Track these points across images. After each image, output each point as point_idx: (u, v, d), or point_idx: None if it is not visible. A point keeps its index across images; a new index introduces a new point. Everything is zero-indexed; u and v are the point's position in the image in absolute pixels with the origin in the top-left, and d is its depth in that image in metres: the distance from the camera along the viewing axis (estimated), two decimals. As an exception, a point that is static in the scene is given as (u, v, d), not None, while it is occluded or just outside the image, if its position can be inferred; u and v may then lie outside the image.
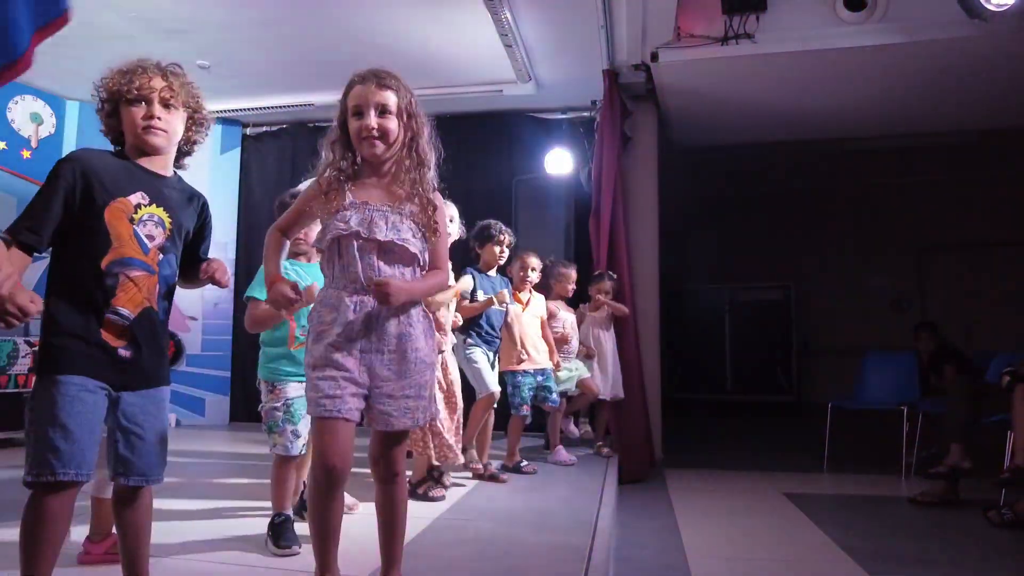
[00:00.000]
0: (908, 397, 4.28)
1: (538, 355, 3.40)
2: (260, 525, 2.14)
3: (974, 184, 7.40)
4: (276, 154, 5.45)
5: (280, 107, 5.08)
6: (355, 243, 1.47)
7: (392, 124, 1.50)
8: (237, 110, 5.14)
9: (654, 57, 4.04)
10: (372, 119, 1.47)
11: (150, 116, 1.42)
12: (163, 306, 1.45)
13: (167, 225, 1.44)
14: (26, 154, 4.59)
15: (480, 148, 5.05)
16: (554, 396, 3.43)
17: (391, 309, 1.49)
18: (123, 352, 1.35)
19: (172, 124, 1.46)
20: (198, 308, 5.18)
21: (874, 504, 3.49)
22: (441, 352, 2.72)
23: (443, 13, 3.70)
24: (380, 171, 1.54)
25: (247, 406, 5.20)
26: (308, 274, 2.14)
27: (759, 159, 6.82)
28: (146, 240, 1.41)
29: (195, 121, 1.53)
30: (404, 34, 3.90)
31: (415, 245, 1.51)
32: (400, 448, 1.57)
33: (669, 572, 2.41)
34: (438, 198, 1.60)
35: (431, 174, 1.58)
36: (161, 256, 1.43)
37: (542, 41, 3.98)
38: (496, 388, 3.16)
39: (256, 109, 5.12)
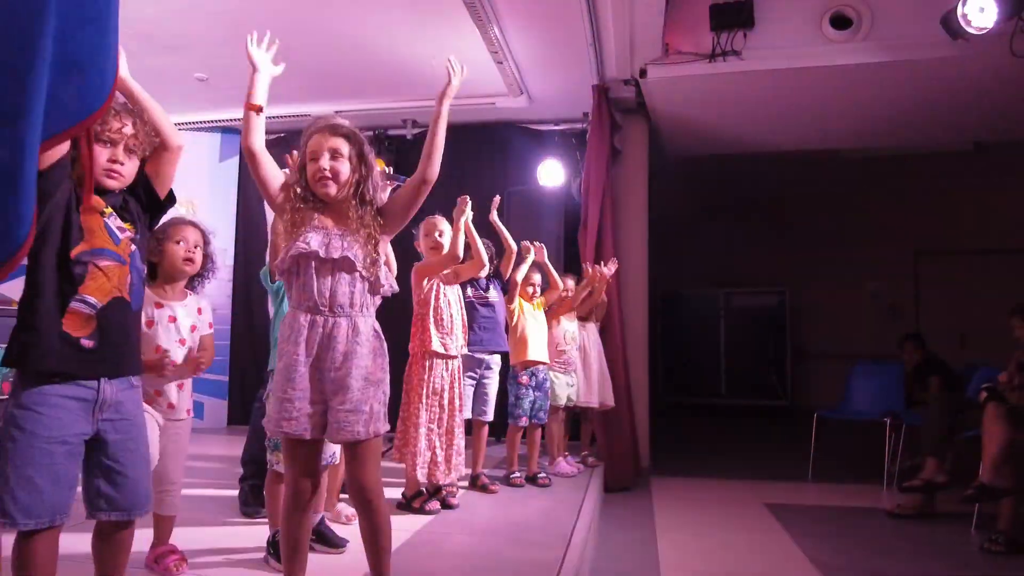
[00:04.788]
0: (892, 408, 4.34)
1: (541, 353, 3.51)
2: (259, 534, 2.22)
3: (972, 190, 7.43)
4: (276, 160, 5.52)
5: (278, 117, 5.16)
6: (313, 263, 1.60)
7: (343, 167, 1.63)
8: (235, 120, 5.23)
9: (643, 73, 4.11)
10: (325, 161, 1.61)
11: (114, 160, 1.46)
12: (137, 297, 1.45)
13: (132, 232, 1.46)
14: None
15: (473, 159, 5.12)
16: (542, 414, 3.52)
17: (345, 329, 1.60)
18: (86, 342, 1.34)
19: (130, 170, 1.50)
20: (197, 313, 5.27)
21: (852, 516, 3.56)
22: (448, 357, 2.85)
23: (433, 30, 3.76)
24: (333, 208, 1.66)
25: (244, 409, 5.30)
26: None
27: (753, 166, 6.87)
28: (117, 232, 1.43)
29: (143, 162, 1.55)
30: (395, 49, 3.98)
31: (363, 258, 1.62)
32: (366, 472, 1.63)
33: (640, 586, 2.49)
34: (381, 232, 1.71)
35: (375, 209, 1.70)
36: (133, 250, 1.45)
37: (532, 57, 4.05)
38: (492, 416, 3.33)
39: (254, 119, 5.19)
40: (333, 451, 2.23)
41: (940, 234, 7.82)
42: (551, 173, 4.78)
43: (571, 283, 3.92)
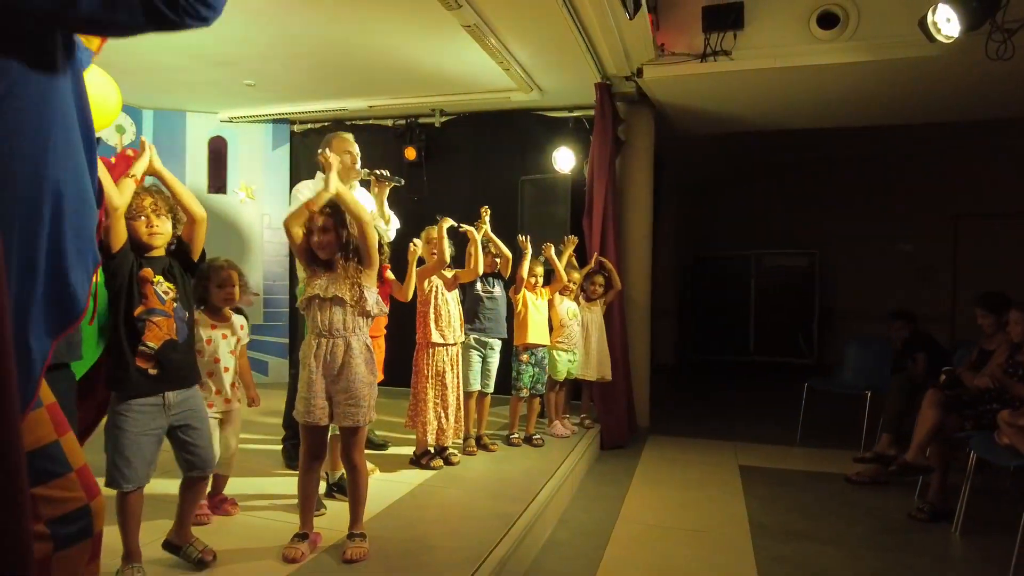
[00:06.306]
0: (876, 382, 4.66)
1: (541, 337, 4.07)
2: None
3: (1014, 152, 7.24)
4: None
5: (327, 110, 5.76)
6: (316, 301, 2.27)
7: (330, 237, 2.26)
8: (282, 113, 5.86)
9: (639, 73, 4.41)
10: (316, 234, 2.25)
11: (150, 224, 2.06)
12: (183, 335, 2.09)
13: (174, 293, 2.09)
14: (114, 160, 5.49)
15: (491, 146, 5.59)
16: (539, 386, 4.10)
17: (341, 347, 2.25)
18: (151, 371, 2.00)
19: (164, 227, 2.08)
20: (260, 285, 6.09)
21: (813, 480, 4.00)
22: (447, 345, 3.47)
23: (446, 42, 4.16)
24: (331, 263, 2.30)
25: (302, 367, 6.16)
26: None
27: (785, 132, 6.92)
28: (163, 295, 2.06)
29: (177, 220, 2.14)
30: (419, 55, 4.39)
31: (350, 296, 2.27)
32: (354, 446, 2.31)
33: (592, 535, 3.07)
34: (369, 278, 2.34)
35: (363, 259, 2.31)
36: (176, 306, 2.08)
37: (535, 61, 4.40)
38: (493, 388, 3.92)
39: (299, 112, 5.82)
40: (372, 418, 2.89)
41: (980, 194, 7.69)
42: (564, 159, 5.17)
43: (576, 275, 4.41)
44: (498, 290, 3.91)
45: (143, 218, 2.06)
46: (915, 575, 2.73)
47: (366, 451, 3.38)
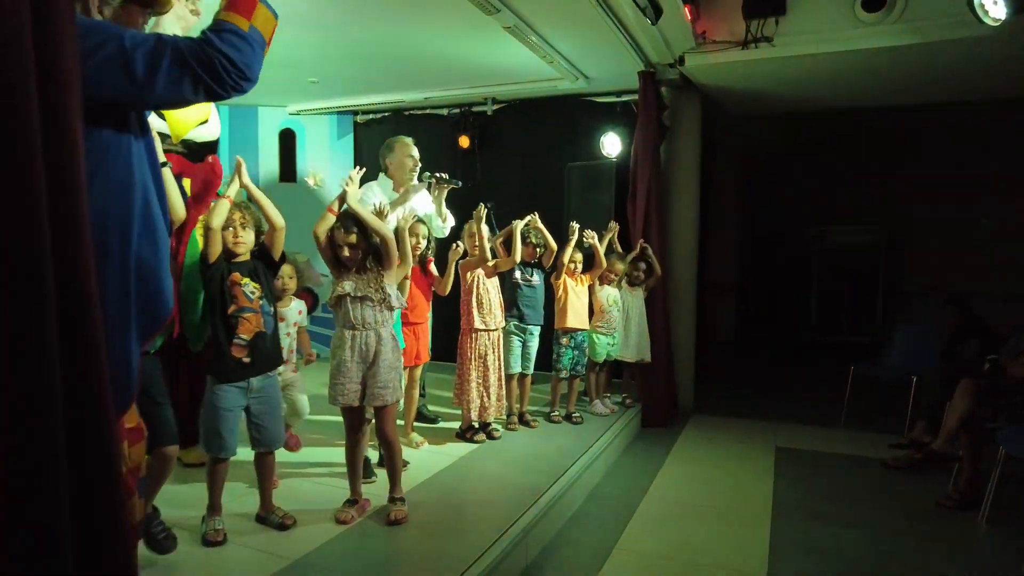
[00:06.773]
0: (923, 367, 4.62)
1: (581, 322, 4.30)
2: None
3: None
4: (382, 136, 6.46)
5: (386, 102, 6.10)
6: (348, 298, 2.59)
7: (357, 251, 2.57)
8: (347, 106, 6.23)
9: (681, 61, 4.45)
10: (346, 249, 2.56)
11: (235, 236, 2.43)
12: (269, 327, 2.48)
13: (259, 292, 2.46)
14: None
15: (542, 133, 5.75)
16: (579, 367, 4.34)
17: (373, 338, 2.59)
18: (244, 359, 2.43)
19: (248, 238, 2.45)
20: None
21: (848, 463, 4.07)
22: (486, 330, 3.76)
23: (487, 39, 4.31)
24: (358, 268, 2.61)
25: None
26: None
27: (836, 110, 6.69)
28: (250, 295, 2.44)
29: (260, 231, 2.50)
30: (470, 51, 4.59)
31: (376, 295, 2.59)
32: (385, 421, 2.66)
33: (618, 509, 3.31)
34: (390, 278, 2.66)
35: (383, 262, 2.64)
36: (262, 302, 2.46)
37: (579, 53, 4.53)
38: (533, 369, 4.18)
39: (361, 104, 6.18)
40: (398, 397, 3.25)
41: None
42: (612, 144, 5.29)
43: (620, 266, 4.56)
44: (537, 279, 4.14)
45: (231, 229, 2.43)
46: (927, 560, 2.83)
47: (418, 424, 3.86)
